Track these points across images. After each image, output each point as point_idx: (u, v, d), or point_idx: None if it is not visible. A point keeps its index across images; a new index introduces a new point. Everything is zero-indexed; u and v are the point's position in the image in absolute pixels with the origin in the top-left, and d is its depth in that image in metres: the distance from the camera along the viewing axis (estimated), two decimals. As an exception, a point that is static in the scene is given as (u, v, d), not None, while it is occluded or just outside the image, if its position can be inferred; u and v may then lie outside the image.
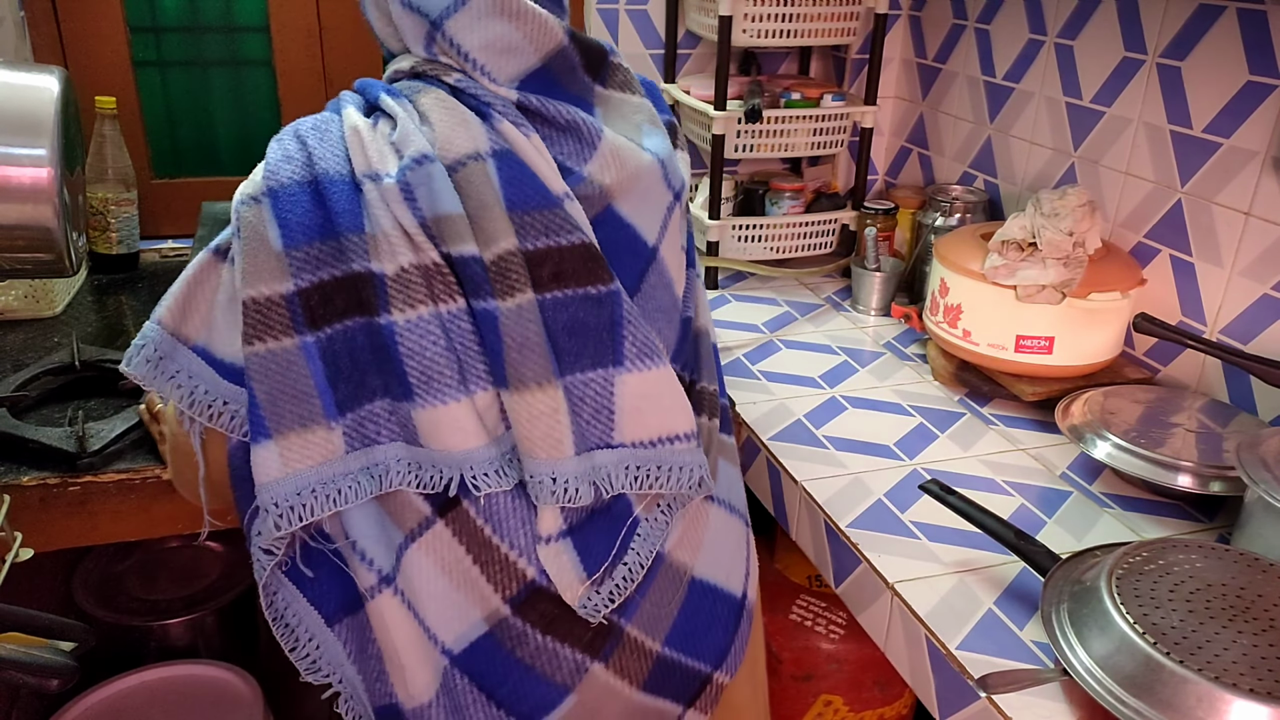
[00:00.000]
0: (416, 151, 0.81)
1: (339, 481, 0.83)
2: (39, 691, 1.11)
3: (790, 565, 1.48)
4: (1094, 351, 1.27)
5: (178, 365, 0.85)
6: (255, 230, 0.81)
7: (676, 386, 0.88)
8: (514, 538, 0.84)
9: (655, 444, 0.87)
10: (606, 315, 0.85)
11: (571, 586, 0.85)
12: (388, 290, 0.81)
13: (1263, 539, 0.94)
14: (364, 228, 0.81)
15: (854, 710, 1.45)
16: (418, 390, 0.82)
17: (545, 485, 0.83)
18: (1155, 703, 0.73)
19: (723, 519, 0.94)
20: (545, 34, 0.86)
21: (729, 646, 0.93)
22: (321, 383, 0.82)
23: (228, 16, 1.72)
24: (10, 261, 0.92)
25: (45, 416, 1.16)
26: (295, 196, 0.81)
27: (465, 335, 0.82)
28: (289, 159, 0.83)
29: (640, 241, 0.89)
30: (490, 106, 0.84)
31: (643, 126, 0.92)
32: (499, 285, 0.81)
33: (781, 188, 1.74)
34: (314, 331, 0.82)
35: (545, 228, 0.82)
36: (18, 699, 1.33)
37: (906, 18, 1.82)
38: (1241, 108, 1.18)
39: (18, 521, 1.00)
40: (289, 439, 0.82)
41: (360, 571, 0.85)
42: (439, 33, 0.84)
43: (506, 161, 0.82)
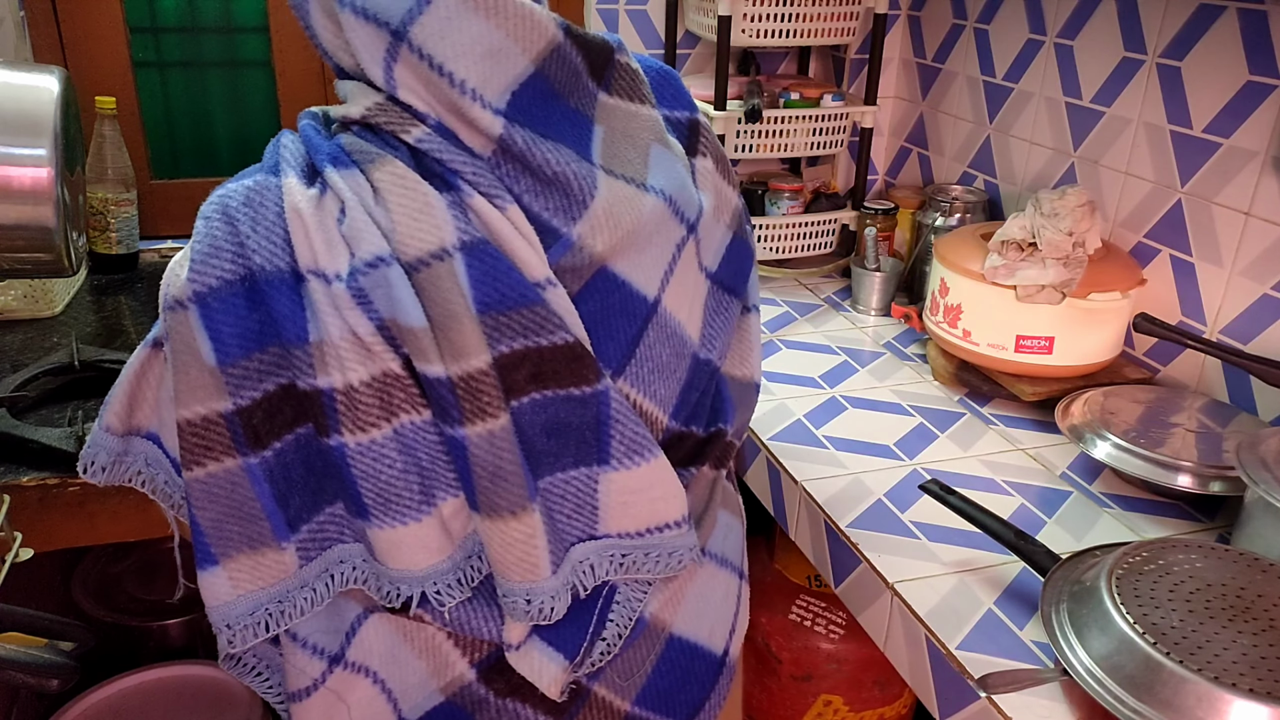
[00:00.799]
0: (369, 253, 0.70)
1: (293, 597, 0.78)
2: (39, 691, 1.11)
3: (790, 565, 1.48)
4: (1094, 351, 1.27)
5: (134, 457, 0.81)
6: (184, 342, 0.72)
7: (669, 476, 0.80)
8: (481, 632, 0.80)
9: (642, 534, 0.81)
10: (591, 415, 0.77)
11: (554, 681, 0.80)
12: (337, 409, 0.73)
13: (1263, 539, 0.94)
14: (309, 335, 0.72)
15: (854, 710, 1.45)
16: (374, 512, 0.75)
17: (520, 606, 0.77)
18: (1155, 703, 0.73)
19: (710, 574, 0.89)
20: (534, 30, 0.73)
21: (703, 704, 0.88)
22: (269, 504, 0.75)
23: (226, 17, 1.72)
24: (10, 261, 0.92)
25: (44, 417, 1.16)
26: (227, 302, 0.71)
27: (431, 447, 0.75)
28: (217, 251, 0.72)
29: (638, 299, 0.79)
30: (458, 175, 0.72)
31: (650, 149, 0.80)
32: (468, 408, 0.72)
33: (781, 188, 1.74)
34: (258, 451, 0.74)
35: (523, 328, 0.72)
36: (17, 699, 1.33)
37: (906, 18, 1.82)
38: (1241, 108, 1.18)
39: (17, 521, 1.00)
40: (237, 561, 0.76)
41: (304, 663, 0.80)
42: (403, 44, 0.70)
43: (477, 255, 0.71)
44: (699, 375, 0.85)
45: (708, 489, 0.89)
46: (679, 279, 0.82)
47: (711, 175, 0.86)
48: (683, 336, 0.83)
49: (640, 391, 0.81)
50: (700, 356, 0.85)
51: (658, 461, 0.79)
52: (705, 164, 0.85)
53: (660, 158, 0.80)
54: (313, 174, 0.75)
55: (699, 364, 0.85)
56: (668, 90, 0.85)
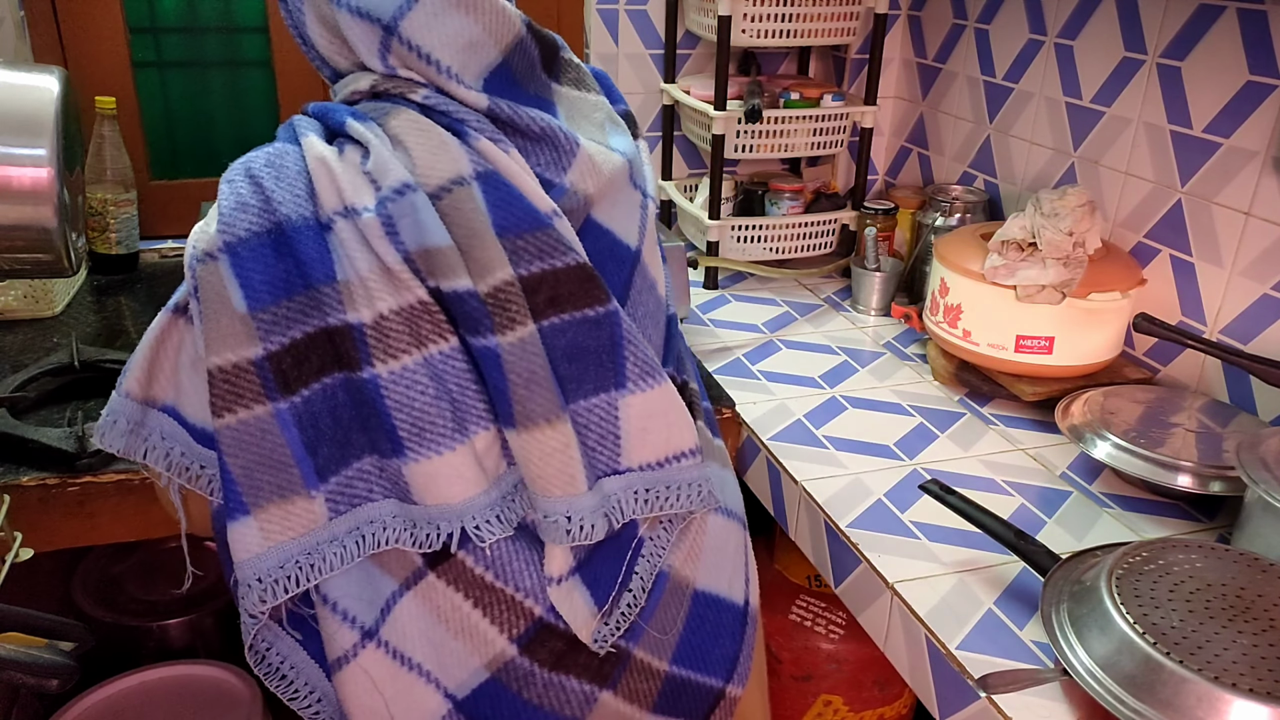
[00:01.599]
0: (396, 181, 0.75)
1: (323, 550, 0.79)
2: (39, 691, 1.11)
3: (790, 565, 1.48)
4: (1094, 351, 1.27)
5: (149, 429, 0.81)
6: (215, 291, 0.75)
7: (679, 402, 0.85)
8: (519, 580, 0.81)
9: (662, 464, 0.84)
10: (606, 337, 0.81)
11: (586, 623, 0.81)
12: (367, 341, 0.76)
13: (1263, 539, 0.94)
14: (336, 275, 0.76)
15: (854, 710, 1.45)
16: (409, 444, 0.77)
17: (561, 525, 0.79)
18: (1155, 703, 0.73)
19: (721, 525, 0.92)
20: (505, 25, 0.81)
21: (737, 656, 0.90)
22: (299, 451, 0.77)
23: (226, 17, 1.72)
24: (10, 261, 0.92)
25: (44, 417, 1.16)
26: (256, 250, 0.75)
27: (460, 376, 0.78)
28: (244, 206, 0.76)
29: (623, 246, 0.86)
30: (464, 124, 0.79)
31: (605, 125, 0.88)
32: (499, 319, 0.76)
33: (781, 188, 1.74)
34: (288, 396, 0.76)
35: (539, 251, 0.78)
36: (18, 699, 1.33)
37: (906, 18, 1.82)
38: (1241, 108, 1.18)
39: (17, 521, 1.00)
40: (268, 511, 0.77)
41: (338, 632, 0.81)
42: (394, 38, 0.78)
43: (492, 184, 0.77)
44: (671, 327, 0.93)
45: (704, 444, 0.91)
46: (649, 239, 0.89)
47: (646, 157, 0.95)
48: (658, 291, 0.90)
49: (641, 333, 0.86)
50: (668, 312, 0.92)
51: (667, 385, 0.84)
52: (644, 145, 0.95)
53: (614, 131, 0.89)
54: (331, 139, 0.81)
55: (668, 318, 0.92)
56: (604, 88, 0.93)
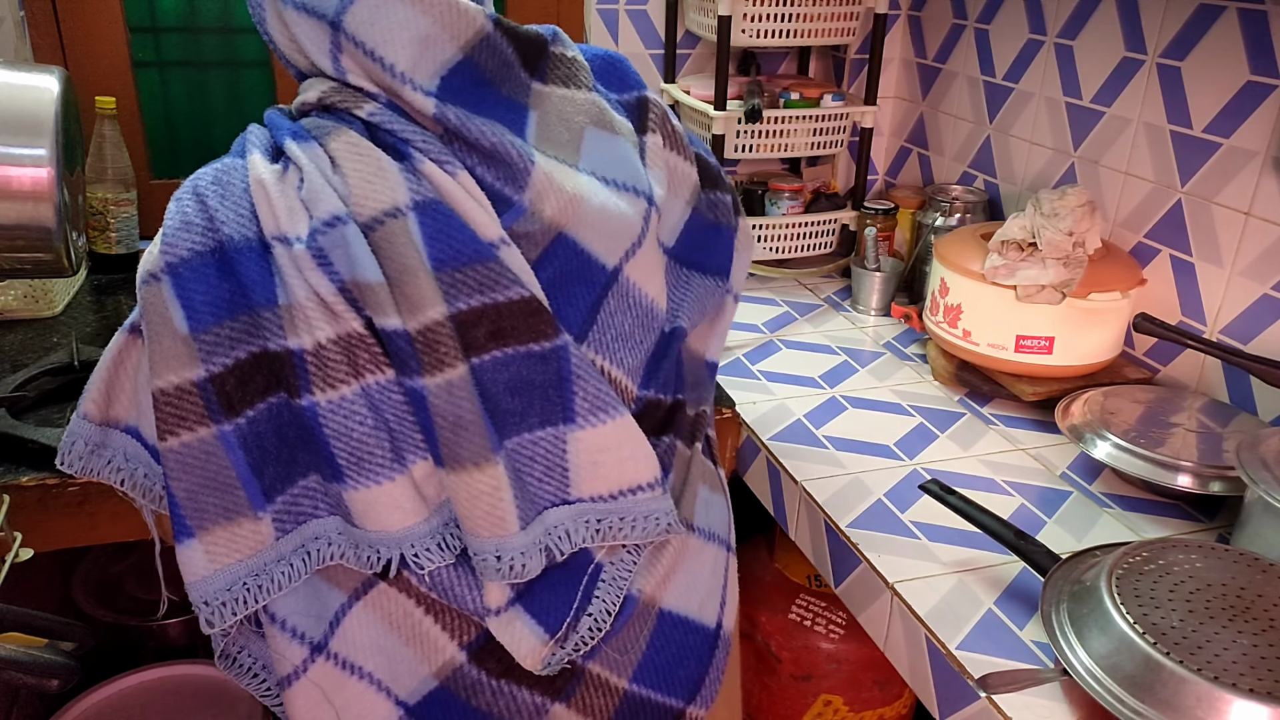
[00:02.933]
0: (326, 212, 0.74)
1: (270, 570, 0.79)
2: (39, 691, 1.11)
3: (790, 565, 1.48)
4: (1094, 351, 1.27)
5: (112, 451, 0.81)
6: (158, 313, 0.74)
7: (636, 435, 0.82)
8: (463, 602, 0.80)
9: (615, 497, 0.82)
10: (553, 371, 0.78)
11: (532, 652, 0.80)
12: (307, 368, 0.75)
13: (1263, 539, 0.94)
14: (277, 299, 0.75)
15: (854, 710, 1.45)
16: (348, 472, 0.76)
17: (490, 563, 0.78)
18: (1155, 703, 0.73)
19: (698, 548, 0.89)
20: (461, 19, 0.78)
21: (702, 679, 0.88)
22: (245, 472, 0.77)
23: (226, 17, 1.72)
24: (10, 261, 0.92)
25: (44, 417, 1.16)
26: (198, 271, 0.74)
27: (397, 407, 0.77)
28: (188, 225, 0.75)
29: (596, 267, 0.82)
30: (409, 144, 0.77)
31: (585, 131, 0.83)
32: (426, 360, 0.74)
33: (781, 188, 1.74)
34: (231, 419, 0.75)
35: (479, 284, 0.75)
36: (18, 699, 1.33)
37: (906, 18, 1.82)
38: (1241, 108, 1.18)
39: (16, 521, 1.00)
40: (213, 534, 0.77)
41: (288, 649, 0.80)
42: (341, 34, 0.76)
43: (430, 214, 0.75)
44: (668, 346, 0.88)
45: (685, 465, 0.90)
46: (646, 252, 0.85)
47: (661, 151, 0.88)
48: (649, 308, 0.85)
49: (605, 358, 0.83)
50: (667, 329, 0.88)
51: (623, 420, 0.81)
52: (654, 140, 0.88)
53: (595, 138, 0.84)
54: (277, 154, 0.80)
55: (666, 336, 0.88)
56: (614, 75, 0.90)
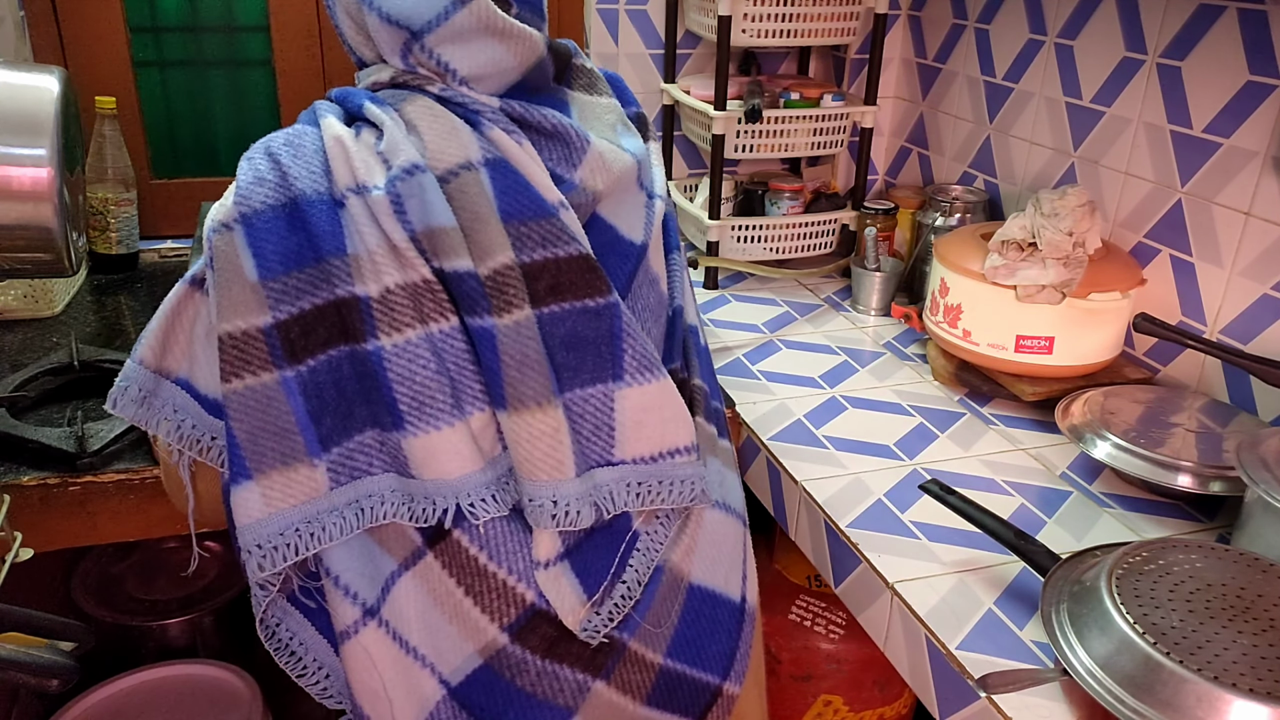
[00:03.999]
0: (406, 161, 0.77)
1: (323, 519, 0.80)
2: (39, 691, 1.11)
3: (790, 565, 1.48)
4: (1094, 351, 1.27)
5: (163, 400, 0.83)
6: (229, 260, 0.77)
7: (677, 398, 0.86)
8: (512, 562, 0.82)
9: (656, 459, 0.85)
10: (605, 328, 0.82)
11: (573, 611, 0.82)
12: (373, 314, 0.78)
13: (1263, 539, 0.94)
14: (346, 248, 0.78)
15: (854, 710, 1.45)
16: (409, 418, 0.79)
17: (546, 509, 0.80)
18: (1155, 703, 0.73)
19: (719, 521, 0.92)
20: (529, 49, 0.84)
21: (734, 653, 0.90)
22: (303, 419, 0.79)
23: (228, 16, 1.72)
24: (10, 261, 0.92)
25: (44, 416, 1.16)
26: (270, 223, 0.77)
27: (459, 355, 0.79)
28: (261, 180, 0.79)
29: (626, 242, 0.88)
30: (479, 114, 0.82)
31: (616, 127, 0.91)
32: (496, 301, 0.78)
33: (781, 188, 1.74)
34: (294, 365, 0.78)
35: (542, 239, 0.79)
36: (18, 699, 1.33)
37: (906, 18, 1.82)
38: (1241, 108, 1.18)
39: (17, 521, 1.00)
40: (271, 478, 0.79)
41: (342, 607, 0.82)
42: (418, 44, 0.81)
43: (500, 171, 0.80)
44: (673, 324, 0.93)
45: (707, 441, 0.92)
46: (656, 237, 0.91)
47: (659, 156, 0.96)
48: (660, 287, 0.91)
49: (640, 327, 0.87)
50: (670, 310, 0.93)
51: (666, 381, 0.85)
52: (655, 146, 0.96)
53: (624, 133, 0.91)
54: (349, 121, 0.83)
55: (674, 313, 0.93)
56: (617, 91, 0.95)
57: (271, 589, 0.82)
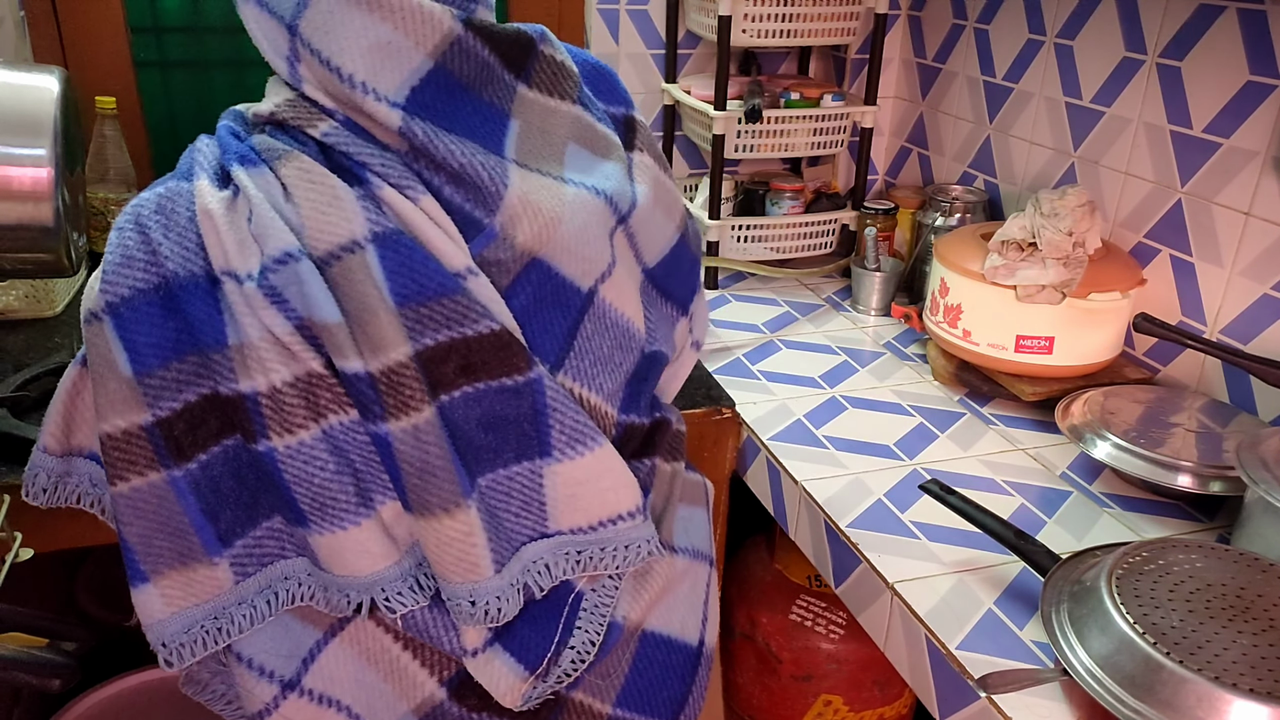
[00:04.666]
0: (277, 249, 0.69)
1: (231, 612, 0.76)
2: (41, 691, 1.11)
3: (790, 565, 1.48)
4: (1094, 351, 1.27)
5: (77, 478, 0.80)
6: (101, 355, 0.71)
7: (617, 465, 0.78)
8: (440, 642, 0.78)
9: (595, 528, 0.79)
10: (528, 406, 0.75)
11: (511, 690, 0.77)
12: (262, 412, 0.71)
13: (1263, 539, 0.94)
14: (227, 339, 0.71)
15: (854, 710, 1.45)
16: (311, 518, 0.73)
17: (464, 608, 0.75)
18: (1155, 703, 0.73)
19: (681, 567, 0.88)
20: (425, 24, 0.71)
21: (685, 698, 0.87)
22: (197, 518, 0.74)
23: (230, 17, 1.72)
24: (10, 261, 0.92)
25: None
26: (140, 310, 0.71)
27: (362, 448, 0.73)
28: (129, 261, 0.72)
29: (570, 290, 0.77)
30: (366, 168, 0.72)
31: (567, 146, 0.79)
32: (390, 402, 0.70)
33: (781, 188, 1.74)
34: (182, 464, 0.73)
35: (445, 318, 0.70)
36: (19, 699, 1.33)
37: (906, 18, 1.82)
38: (1241, 108, 1.18)
39: (18, 521, 1.00)
40: (168, 578, 0.75)
41: (255, 688, 0.78)
42: (297, 40, 0.71)
43: (390, 247, 0.70)
44: (649, 368, 0.84)
45: (666, 484, 0.88)
46: (620, 272, 0.81)
47: (651, 169, 0.85)
48: (627, 329, 0.81)
49: (583, 385, 0.79)
50: (647, 350, 0.84)
51: (602, 450, 0.77)
52: (643, 158, 0.84)
53: (576, 156, 0.79)
54: (226, 176, 0.74)
55: (646, 357, 0.84)
56: (603, 85, 0.85)
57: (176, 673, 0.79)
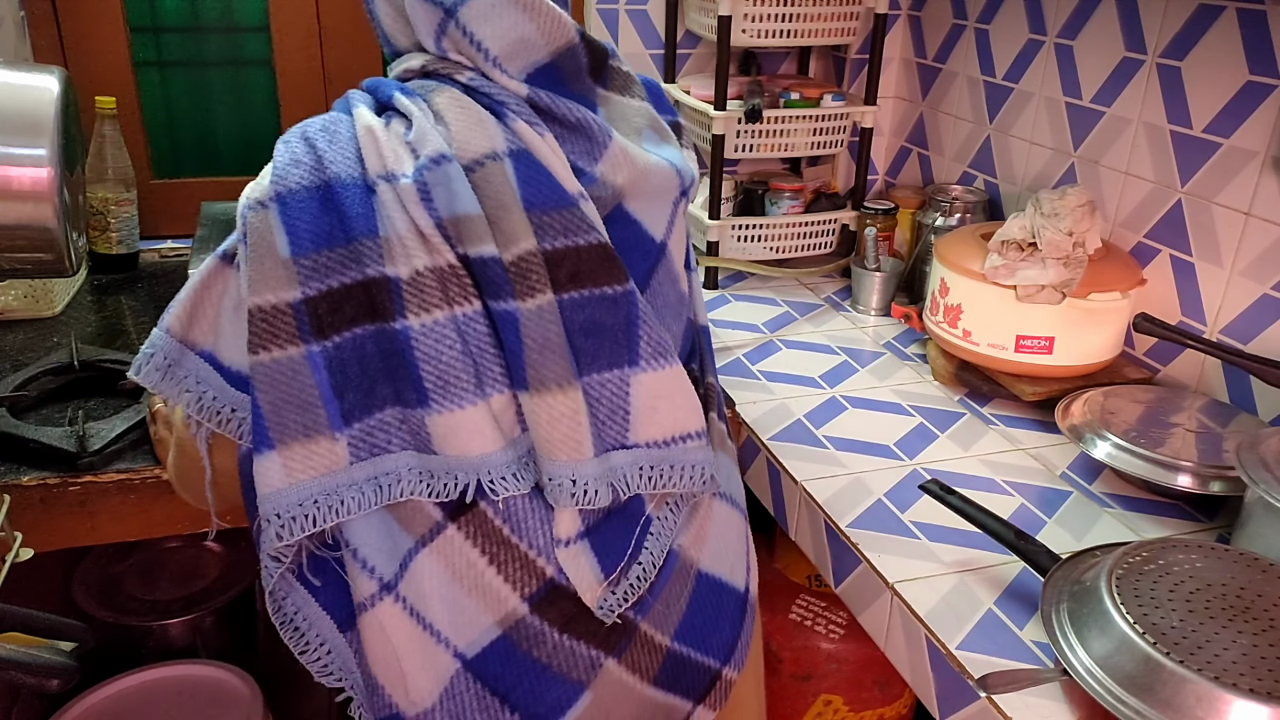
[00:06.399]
0: (434, 151, 0.80)
1: (342, 492, 0.82)
2: (39, 691, 1.11)
3: (790, 565, 1.48)
4: (1094, 351, 1.27)
5: (186, 371, 0.84)
6: (262, 237, 0.79)
7: (688, 385, 0.88)
8: (533, 538, 0.84)
9: (668, 444, 0.87)
10: (622, 315, 0.85)
11: (591, 588, 0.84)
12: (403, 294, 0.80)
13: (1263, 539, 0.94)
14: (378, 231, 0.80)
15: (854, 710, 1.45)
16: (434, 396, 0.81)
17: (565, 487, 0.82)
18: (1155, 703, 0.73)
19: (725, 513, 0.95)
20: (558, 29, 0.86)
21: (735, 642, 0.93)
22: (327, 392, 0.81)
23: (228, 17, 1.72)
24: (10, 261, 0.92)
25: (45, 416, 1.16)
26: (304, 203, 0.80)
27: (481, 338, 0.82)
28: (297, 162, 0.81)
29: (648, 238, 0.90)
30: (504, 105, 0.84)
31: (644, 131, 0.92)
32: (519, 286, 0.80)
33: (781, 188, 1.74)
34: (320, 340, 0.80)
35: (563, 228, 0.82)
36: (18, 699, 1.33)
37: (906, 18, 1.82)
38: (1241, 108, 1.18)
39: (18, 521, 1.00)
40: (292, 449, 0.81)
41: (360, 580, 0.84)
42: (452, 21, 0.84)
43: (523, 161, 0.82)
44: (691, 325, 0.97)
45: (717, 435, 0.94)
46: (676, 235, 0.93)
47: (694, 164, 0.97)
48: (680, 286, 0.94)
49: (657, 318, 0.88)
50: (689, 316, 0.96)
51: (679, 368, 0.87)
52: (690, 154, 0.98)
53: (649, 139, 0.92)
54: (380, 111, 0.86)
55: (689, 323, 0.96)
56: (655, 97, 0.97)
57: (284, 561, 0.84)
